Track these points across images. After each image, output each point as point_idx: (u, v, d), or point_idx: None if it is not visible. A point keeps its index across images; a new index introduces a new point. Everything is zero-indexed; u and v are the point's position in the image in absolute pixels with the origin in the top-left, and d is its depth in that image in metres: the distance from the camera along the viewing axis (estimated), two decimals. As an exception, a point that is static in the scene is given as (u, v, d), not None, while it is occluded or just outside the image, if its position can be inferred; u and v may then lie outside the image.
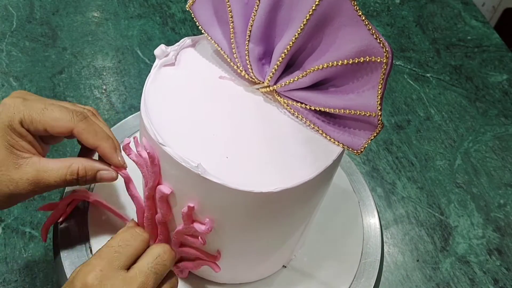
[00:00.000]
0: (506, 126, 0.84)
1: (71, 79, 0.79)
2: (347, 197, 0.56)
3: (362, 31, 0.34)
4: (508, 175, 0.77)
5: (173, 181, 0.39)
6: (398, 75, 0.89)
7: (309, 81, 0.39)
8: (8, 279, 0.59)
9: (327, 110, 0.39)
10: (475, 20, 1.02)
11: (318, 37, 0.37)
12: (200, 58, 0.44)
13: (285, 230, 0.43)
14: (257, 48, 0.40)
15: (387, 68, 0.35)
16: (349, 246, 0.52)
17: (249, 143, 0.39)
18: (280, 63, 0.39)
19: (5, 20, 0.86)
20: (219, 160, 0.37)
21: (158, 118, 0.39)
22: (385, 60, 0.34)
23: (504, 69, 0.93)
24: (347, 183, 0.57)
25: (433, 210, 0.72)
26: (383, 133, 0.80)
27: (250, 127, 0.40)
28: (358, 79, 0.37)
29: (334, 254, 0.52)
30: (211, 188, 0.36)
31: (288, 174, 0.37)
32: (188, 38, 0.45)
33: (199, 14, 0.43)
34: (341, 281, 0.50)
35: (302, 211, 0.42)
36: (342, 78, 0.38)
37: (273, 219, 0.41)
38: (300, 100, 0.40)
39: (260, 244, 0.44)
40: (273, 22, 0.39)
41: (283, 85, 0.40)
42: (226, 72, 0.43)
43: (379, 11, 1.01)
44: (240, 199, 0.37)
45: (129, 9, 0.92)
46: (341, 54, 0.36)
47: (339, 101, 0.38)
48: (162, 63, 0.43)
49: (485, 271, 0.67)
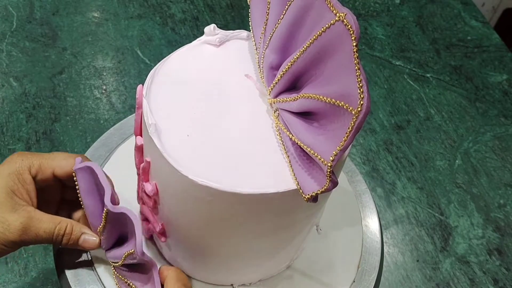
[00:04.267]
0: (506, 126, 0.84)
1: (71, 79, 0.79)
2: (347, 197, 0.56)
3: (351, 75, 0.33)
4: (508, 175, 0.77)
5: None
6: (398, 75, 0.89)
7: (296, 107, 0.38)
8: (8, 279, 0.59)
9: (298, 142, 0.38)
10: (475, 20, 1.02)
11: (320, 67, 0.36)
12: (241, 51, 0.45)
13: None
14: (272, 56, 0.40)
15: (356, 121, 0.33)
16: (349, 246, 0.52)
17: (238, 151, 0.39)
18: (281, 78, 0.39)
19: (5, 20, 0.86)
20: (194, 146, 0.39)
21: (157, 104, 0.40)
22: (355, 114, 0.33)
23: (504, 69, 0.93)
24: (346, 183, 0.57)
25: (433, 210, 0.72)
26: (383, 133, 0.80)
27: (250, 130, 0.40)
28: (334, 122, 0.35)
29: (334, 254, 0.52)
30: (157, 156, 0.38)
31: (263, 181, 0.37)
32: (244, 32, 0.46)
33: (253, 11, 0.44)
34: (341, 282, 0.50)
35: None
36: (324, 116, 0.36)
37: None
38: (286, 122, 0.40)
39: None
40: (293, 37, 0.39)
41: (280, 101, 0.40)
42: (254, 73, 0.44)
43: (379, 11, 1.01)
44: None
45: (129, 9, 0.92)
46: (327, 90, 0.35)
47: (311, 138, 0.37)
48: (205, 40, 0.44)
49: (485, 271, 0.67)
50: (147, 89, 0.41)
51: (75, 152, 0.70)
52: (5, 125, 0.72)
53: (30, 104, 0.75)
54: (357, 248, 0.52)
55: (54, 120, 0.74)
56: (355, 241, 0.53)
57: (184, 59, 0.44)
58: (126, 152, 0.55)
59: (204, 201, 0.38)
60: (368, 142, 0.79)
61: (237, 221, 0.40)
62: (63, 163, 0.45)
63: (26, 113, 0.74)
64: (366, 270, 0.51)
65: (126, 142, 0.56)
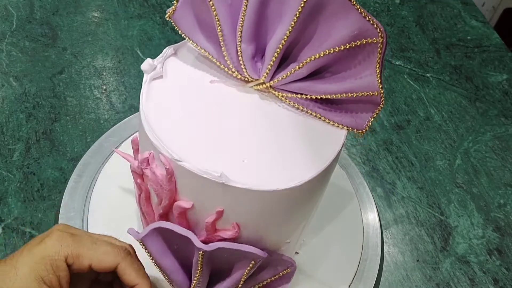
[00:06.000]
0: (506, 126, 0.84)
1: (71, 79, 0.79)
2: (347, 197, 0.56)
3: (354, 15, 0.35)
4: (508, 175, 0.77)
5: (193, 195, 0.39)
6: (398, 75, 0.89)
7: (306, 71, 0.39)
8: (8, 279, 0.59)
9: (328, 96, 0.39)
10: (475, 20, 1.02)
11: (312, 28, 0.37)
12: (185, 65, 0.44)
13: (303, 217, 0.44)
14: (249, 47, 0.40)
15: (383, 47, 0.36)
16: (349, 246, 0.52)
17: (259, 141, 0.39)
18: (276, 59, 0.39)
19: (5, 20, 0.86)
20: (236, 165, 0.38)
21: (164, 135, 0.38)
22: (381, 40, 0.35)
23: (504, 69, 0.93)
24: (347, 183, 0.57)
25: (433, 210, 0.72)
26: (383, 133, 0.80)
27: (255, 126, 0.40)
28: (355, 62, 0.38)
29: (334, 253, 0.52)
30: (235, 194, 0.36)
31: (303, 168, 0.38)
32: (169, 48, 0.45)
33: (180, 23, 0.43)
34: (341, 280, 0.50)
35: (317, 197, 0.43)
36: (338, 64, 0.38)
37: (293, 211, 0.41)
38: (299, 91, 0.40)
39: (278, 236, 0.44)
40: (263, 19, 0.39)
41: (280, 80, 0.40)
42: (214, 75, 0.43)
43: (379, 11, 1.01)
44: (263, 199, 0.37)
45: (129, 9, 0.92)
46: (336, 41, 0.37)
47: (339, 86, 0.39)
48: (151, 77, 0.42)
49: (485, 271, 0.67)
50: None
51: (75, 152, 0.70)
52: (5, 125, 0.72)
53: (30, 104, 0.75)
54: (356, 247, 0.52)
55: (54, 120, 0.74)
56: (355, 240, 0.53)
57: (155, 104, 0.42)
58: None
59: (262, 205, 0.38)
60: (368, 142, 0.79)
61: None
62: (104, 258, 0.41)
63: (26, 113, 0.74)
64: (366, 270, 0.51)
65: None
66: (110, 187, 0.53)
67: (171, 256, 0.42)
